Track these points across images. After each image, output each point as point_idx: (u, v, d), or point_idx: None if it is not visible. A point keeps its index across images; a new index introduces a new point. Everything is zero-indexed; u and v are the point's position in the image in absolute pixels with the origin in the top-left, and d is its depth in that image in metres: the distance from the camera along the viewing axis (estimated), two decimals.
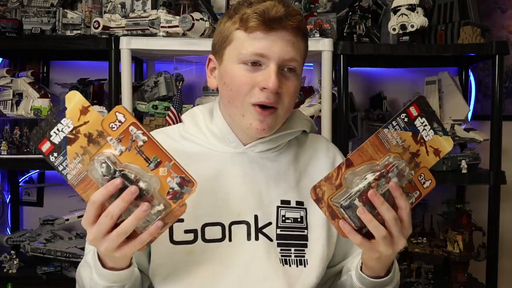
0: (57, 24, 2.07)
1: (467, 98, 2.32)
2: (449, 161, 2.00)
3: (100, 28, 1.98)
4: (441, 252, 2.11)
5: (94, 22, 2.00)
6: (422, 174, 0.93)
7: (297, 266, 1.05)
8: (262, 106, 1.01)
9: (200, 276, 1.03)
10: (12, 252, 2.13)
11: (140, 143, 0.87)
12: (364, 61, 2.24)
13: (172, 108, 1.93)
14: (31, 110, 2.08)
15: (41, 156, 2.00)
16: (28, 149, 2.08)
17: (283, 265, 1.04)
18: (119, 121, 0.87)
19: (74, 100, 0.87)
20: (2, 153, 2.03)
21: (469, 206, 2.21)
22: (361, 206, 0.88)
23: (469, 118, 2.27)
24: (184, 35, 1.92)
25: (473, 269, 2.19)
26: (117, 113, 0.87)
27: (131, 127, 0.87)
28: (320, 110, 1.94)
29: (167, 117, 1.93)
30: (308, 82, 2.30)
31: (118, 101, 1.93)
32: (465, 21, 2.07)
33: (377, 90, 2.33)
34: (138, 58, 2.27)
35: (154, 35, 1.96)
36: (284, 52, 1.00)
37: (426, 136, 0.93)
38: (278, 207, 1.07)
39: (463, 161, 2.02)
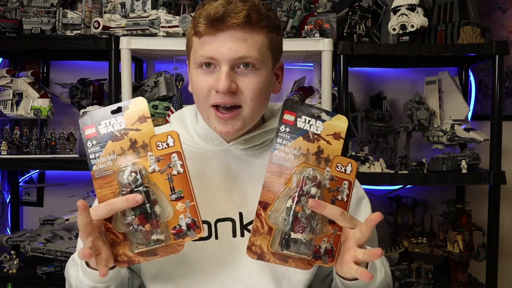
0: (57, 24, 2.07)
1: (467, 98, 2.32)
2: (449, 161, 2.00)
3: (100, 28, 1.98)
4: (441, 252, 2.11)
5: (94, 22, 2.00)
6: (339, 164, 0.88)
7: None
8: (224, 108, 1.02)
9: (189, 274, 1.04)
10: (12, 252, 2.13)
11: (175, 172, 0.88)
12: (364, 61, 2.24)
13: (172, 108, 1.93)
14: (31, 110, 2.08)
15: (41, 156, 2.05)
16: (28, 149, 2.08)
17: None
18: (167, 144, 0.88)
19: (139, 106, 0.89)
20: (2, 153, 2.03)
21: (469, 206, 2.21)
22: (311, 201, 0.85)
23: (469, 118, 2.27)
24: (184, 35, 1.92)
25: (473, 269, 2.19)
26: (169, 136, 0.88)
27: (174, 154, 0.88)
28: None
29: (167, 117, 1.94)
30: (308, 82, 2.30)
31: (118, 101, 1.93)
32: (465, 21, 2.07)
33: (377, 90, 2.33)
34: (138, 58, 2.27)
35: (154, 35, 1.96)
36: (233, 51, 0.99)
37: (316, 130, 0.89)
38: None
39: (463, 161, 2.03)
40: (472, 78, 2.43)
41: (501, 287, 2.09)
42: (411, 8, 1.99)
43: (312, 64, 2.29)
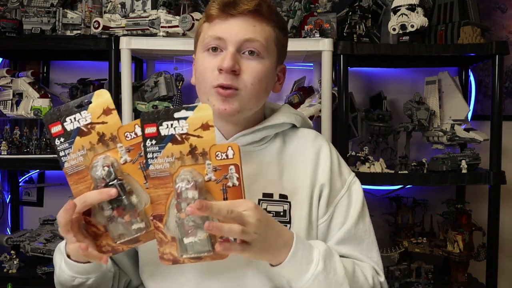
0: (57, 24, 2.07)
1: (467, 98, 2.32)
2: (449, 161, 2.01)
3: (100, 28, 1.98)
4: (441, 252, 2.11)
5: (94, 22, 2.00)
6: (218, 152, 0.85)
7: None
8: (223, 88, 1.04)
9: (186, 271, 1.05)
10: (12, 252, 2.13)
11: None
12: (364, 61, 2.24)
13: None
14: (31, 110, 2.08)
15: (41, 156, 2.05)
16: (28, 149, 2.08)
17: None
18: (135, 133, 0.88)
19: (102, 98, 0.88)
20: (2, 153, 2.03)
21: (469, 206, 2.21)
22: (207, 223, 0.82)
23: (469, 118, 2.27)
24: (184, 35, 1.92)
25: (473, 269, 2.19)
26: (136, 126, 0.88)
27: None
28: (320, 110, 1.94)
29: None
30: (308, 82, 2.30)
31: (118, 101, 1.93)
32: (465, 21, 2.07)
33: (377, 90, 2.33)
34: (138, 58, 2.27)
35: (154, 35, 1.96)
36: (241, 33, 1.04)
37: (182, 130, 0.86)
38: (259, 200, 1.08)
39: (463, 161, 2.03)
40: (472, 78, 2.43)
41: (501, 287, 2.09)
42: (411, 8, 1.99)
43: (312, 64, 2.29)
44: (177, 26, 1.91)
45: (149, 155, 0.86)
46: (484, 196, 2.11)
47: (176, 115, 0.86)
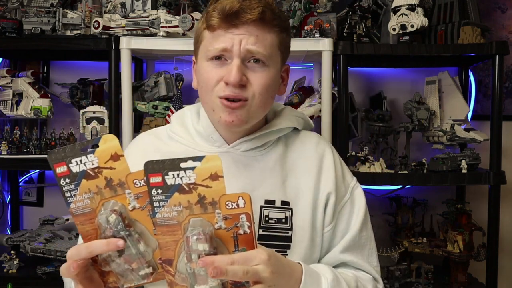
0: (57, 24, 2.07)
1: (467, 98, 2.32)
2: (449, 161, 2.00)
3: (100, 28, 1.98)
4: (441, 252, 2.11)
5: (94, 22, 2.00)
6: (228, 202, 0.83)
7: None
8: (230, 100, 1.03)
9: None
10: (12, 252, 2.13)
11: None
12: (364, 61, 2.24)
13: (172, 108, 1.93)
14: (31, 110, 2.08)
15: (41, 156, 2.05)
16: (28, 149, 2.08)
17: None
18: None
19: (110, 143, 0.86)
20: (2, 153, 2.03)
21: (469, 206, 2.21)
22: (200, 262, 0.82)
23: (469, 118, 2.27)
24: (184, 35, 1.92)
25: (473, 269, 2.19)
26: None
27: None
28: (320, 110, 1.94)
29: (167, 117, 1.94)
30: (308, 82, 2.30)
31: (118, 101, 1.93)
32: (465, 21, 2.07)
33: (377, 90, 2.33)
34: (138, 58, 2.27)
35: (154, 35, 1.96)
36: (245, 45, 1.01)
37: (189, 180, 0.83)
38: (261, 207, 1.06)
39: (463, 161, 2.03)
40: (472, 78, 2.43)
41: (501, 287, 2.09)
42: (411, 8, 1.99)
43: (312, 64, 2.29)
44: (177, 26, 1.91)
45: (156, 204, 0.85)
46: (484, 196, 2.11)
47: (182, 165, 0.83)
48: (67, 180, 0.86)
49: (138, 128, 2.13)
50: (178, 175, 0.84)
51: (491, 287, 2.01)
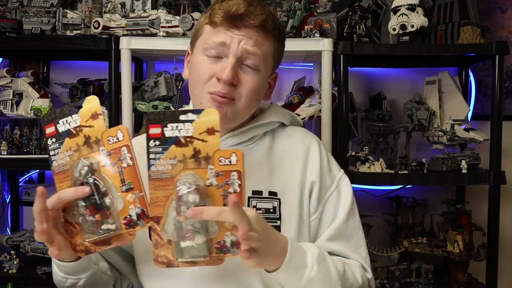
0: (57, 24, 2.07)
1: (467, 98, 2.32)
2: (449, 161, 2.00)
3: (100, 28, 1.98)
4: (441, 252, 2.11)
5: (94, 22, 2.00)
6: (221, 158, 0.86)
7: None
8: (218, 95, 1.05)
9: (183, 271, 1.05)
10: (12, 252, 2.13)
11: (124, 164, 0.90)
12: (364, 61, 2.24)
13: (172, 108, 1.93)
14: (31, 110, 2.08)
15: (41, 156, 2.05)
16: (28, 149, 2.08)
17: None
18: (117, 138, 0.91)
19: (91, 103, 0.92)
20: (2, 153, 2.03)
21: (469, 206, 2.21)
22: (188, 211, 0.83)
23: (469, 118, 2.27)
24: (184, 35, 1.92)
25: (473, 269, 2.19)
26: (118, 131, 0.91)
27: (124, 148, 0.90)
28: (320, 110, 1.94)
29: None
30: (308, 82, 2.30)
31: (118, 101, 1.93)
32: (465, 21, 2.07)
33: (377, 90, 2.33)
34: (138, 58, 2.27)
35: (154, 35, 1.96)
36: (243, 46, 1.05)
37: (187, 133, 0.86)
38: (249, 197, 1.09)
39: (463, 161, 2.03)
40: (472, 78, 2.43)
41: (501, 287, 2.09)
42: (411, 8, 1.99)
43: (312, 64, 2.29)
44: (177, 26, 1.91)
45: (152, 156, 0.87)
46: (484, 196, 2.11)
47: (182, 117, 0.87)
48: (53, 140, 0.93)
49: (138, 128, 2.13)
50: (177, 127, 0.87)
51: (491, 287, 2.01)
